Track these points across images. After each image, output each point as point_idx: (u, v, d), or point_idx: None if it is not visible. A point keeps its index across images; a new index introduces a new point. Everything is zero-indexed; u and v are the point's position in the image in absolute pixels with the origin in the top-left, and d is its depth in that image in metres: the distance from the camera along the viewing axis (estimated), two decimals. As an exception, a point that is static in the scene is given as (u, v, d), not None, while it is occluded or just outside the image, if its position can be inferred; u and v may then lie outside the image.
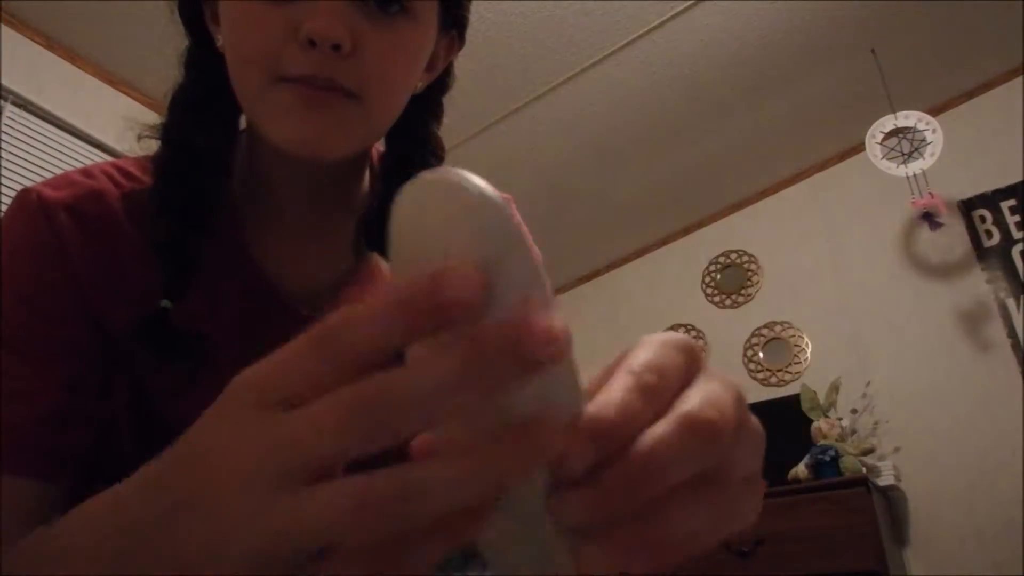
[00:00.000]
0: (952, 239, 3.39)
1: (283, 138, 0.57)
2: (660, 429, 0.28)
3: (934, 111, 3.32)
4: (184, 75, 0.66)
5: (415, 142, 0.70)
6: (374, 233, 0.69)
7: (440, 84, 0.71)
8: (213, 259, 0.63)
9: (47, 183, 0.62)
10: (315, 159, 0.58)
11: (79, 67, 2.83)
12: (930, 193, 3.09)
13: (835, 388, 3.25)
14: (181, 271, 0.60)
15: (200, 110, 0.64)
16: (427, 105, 0.70)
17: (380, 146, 0.73)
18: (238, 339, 0.64)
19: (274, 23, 0.55)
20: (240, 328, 0.65)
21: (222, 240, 0.64)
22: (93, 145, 2.78)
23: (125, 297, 0.60)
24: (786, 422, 3.31)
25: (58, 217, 0.59)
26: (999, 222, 3.32)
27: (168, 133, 0.64)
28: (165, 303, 0.59)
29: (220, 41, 0.62)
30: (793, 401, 3.34)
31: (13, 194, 2.74)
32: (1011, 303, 3.18)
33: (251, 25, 0.56)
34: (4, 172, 2.48)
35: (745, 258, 4.04)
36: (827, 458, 2.94)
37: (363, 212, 0.70)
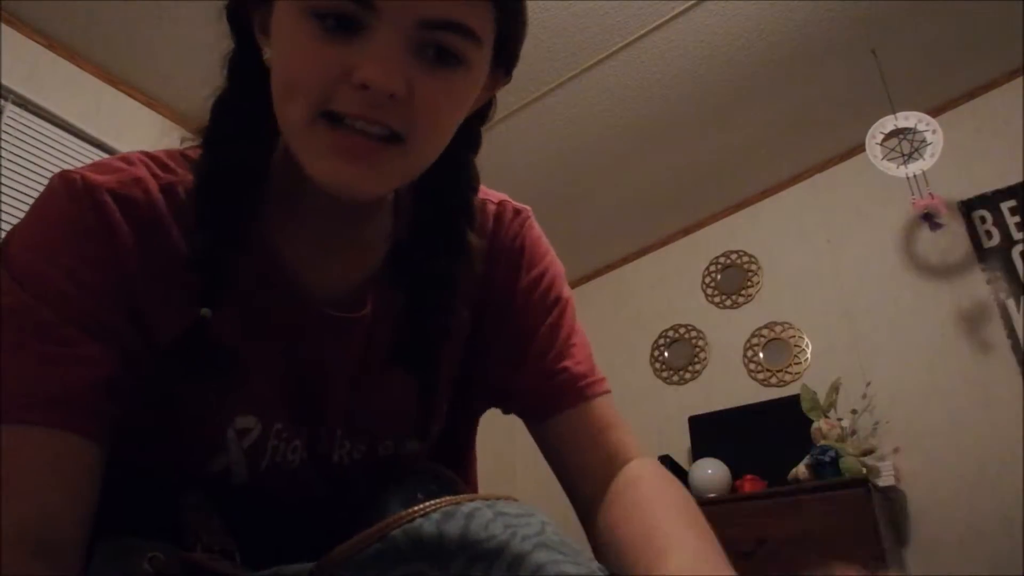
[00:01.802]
0: (952, 240, 3.39)
1: (320, 177, 0.57)
2: None
3: (934, 112, 3.32)
4: (227, 81, 0.65)
5: (450, 170, 0.70)
6: (407, 260, 0.69)
7: (480, 114, 0.70)
8: (245, 262, 0.63)
9: (88, 167, 0.62)
10: (350, 199, 0.58)
11: (79, 67, 2.83)
12: (930, 194, 3.09)
13: (835, 389, 3.25)
14: (220, 281, 0.60)
15: (242, 119, 0.63)
16: (466, 134, 0.69)
17: None
18: (266, 339, 0.65)
19: (329, 62, 0.54)
20: (269, 329, 0.65)
21: (254, 243, 0.64)
22: (93, 145, 2.78)
23: (163, 285, 0.60)
24: (786, 422, 3.31)
25: (104, 200, 0.59)
26: (999, 223, 3.32)
27: (210, 141, 0.64)
28: (205, 312, 0.59)
29: (268, 54, 0.61)
30: (793, 401, 3.34)
31: (13, 194, 2.72)
32: (1011, 304, 3.19)
33: (304, 59, 0.55)
34: (4, 172, 2.48)
35: (745, 258, 4.04)
36: (827, 459, 2.94)
37: (395, 237, 0.70)
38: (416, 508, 0.46)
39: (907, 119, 3.05)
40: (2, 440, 0.52)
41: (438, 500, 0.47)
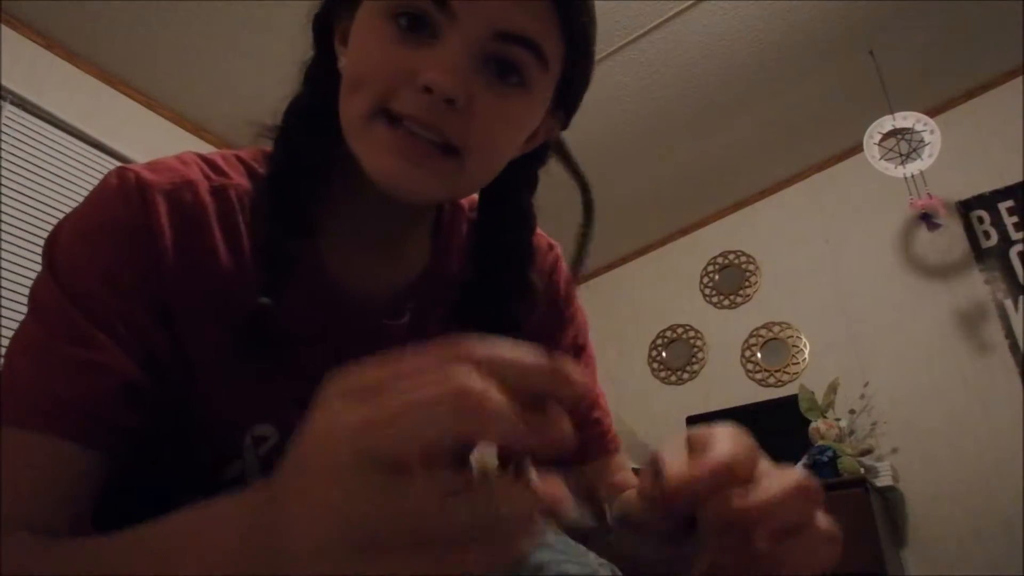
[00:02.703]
0: (950, 240, 3.40)
1: (379, 174, 0.58)
2: (778, 486, 0.43)
3: (932, 112, 3.33)
4: (303, 85, 0.68)
5: (507, 209, 0.73)
6: (474, 300, 0.70)
7: (537, 156, 0.72)
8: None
9: (144, 166, 0.63)
10: (401, 199, 0.59)
11: (78, 67, 2.83)
12: (928, 194, 3.10)
13: (833, 389, 3.26)
14: (283, 270, 0.61)
15: (313, 122, 0.65)
16: (523, 174, 0.71)
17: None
18: (298, 340, 0.65)
19: (397, 62, 0.56)
20: (309, 330, 0.65)
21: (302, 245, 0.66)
22: (92, 145, 2.78)
23: (201, 289, 0.61)
24: (784, 423, 3.32)
25: (155, 201, 0.60)
26: (997, 223, 3.33)
27: (283, 140, 0.66)
28: (265, 300, 0.60)
29: (343, 62, 0.64)
30: (791, 402, 3.35)
31: (12, 194, 2.72)
32: (1009, 304, 3.19)
33: (375, 56, 0.57)
34: (4, 172, 2.48)
35: (743, 258, 4.05)
36: (825, 459, 2.94)
37: (436, 255, 0.73)
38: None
39: (905, 119, 3.05)
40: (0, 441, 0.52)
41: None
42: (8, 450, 0.52)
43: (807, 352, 3.67)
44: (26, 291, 2.24)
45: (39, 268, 0.61)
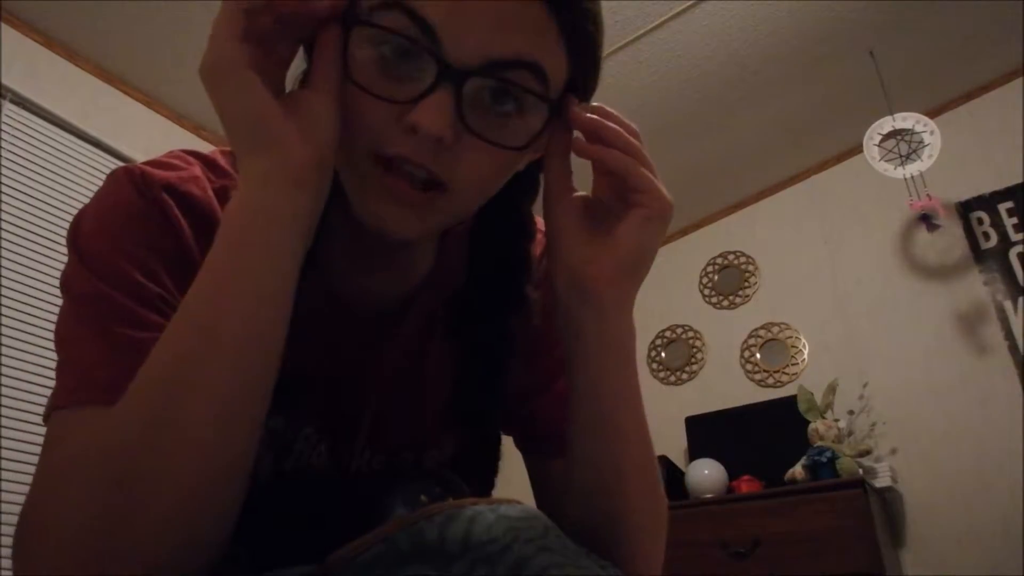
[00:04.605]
0: (950, 241, 3.40)
1: (366, 218, 0.58)
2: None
3: (932, 113, 3.33)
4: None
5: (508, 219, 0.72)
6: (468, 310, 0.70)
7: (538, 161, 0.70)
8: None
9: (147, 163, 0.63)
10: (388, 239, 0.58)
11: (77, 66, 2.83)
12: (928, 195, 3.10)
13: (832, 389, 3.25)
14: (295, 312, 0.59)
15: None
16: (521, 181, 0.69)
17: None
18: (301, 342, 0.64)
19: (387, 113, 0.55)
20: (305, 333, 0.64)
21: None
22: (92, 144, 2.78)
23: None
24: (783, 423, 3.32)
25: (161, 195, 0.60)
26: (997, 224, 3.33)
27: None
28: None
29: None
30: (790, 402, 3.34)
31: (12, 193, 2.71)
32: (1008, 305, 3.19)
33: (364, 112, 0.56)
34: (4, 171, 2.47)
35: (743, 259, 4.05)
36: (824, 459, 2.94)
37: (452, 285, 0.72)
38: (419, 511, 0.47)
39: (905, 120, 3.05)
40: (68, 423, 0.52)
41: (441, 503, 0.47)
42: (74, 428, 0.51)
43: (806, 353, 3.67)
44: (26, 290, 2.26)
45: (39, 267, 0.60)
